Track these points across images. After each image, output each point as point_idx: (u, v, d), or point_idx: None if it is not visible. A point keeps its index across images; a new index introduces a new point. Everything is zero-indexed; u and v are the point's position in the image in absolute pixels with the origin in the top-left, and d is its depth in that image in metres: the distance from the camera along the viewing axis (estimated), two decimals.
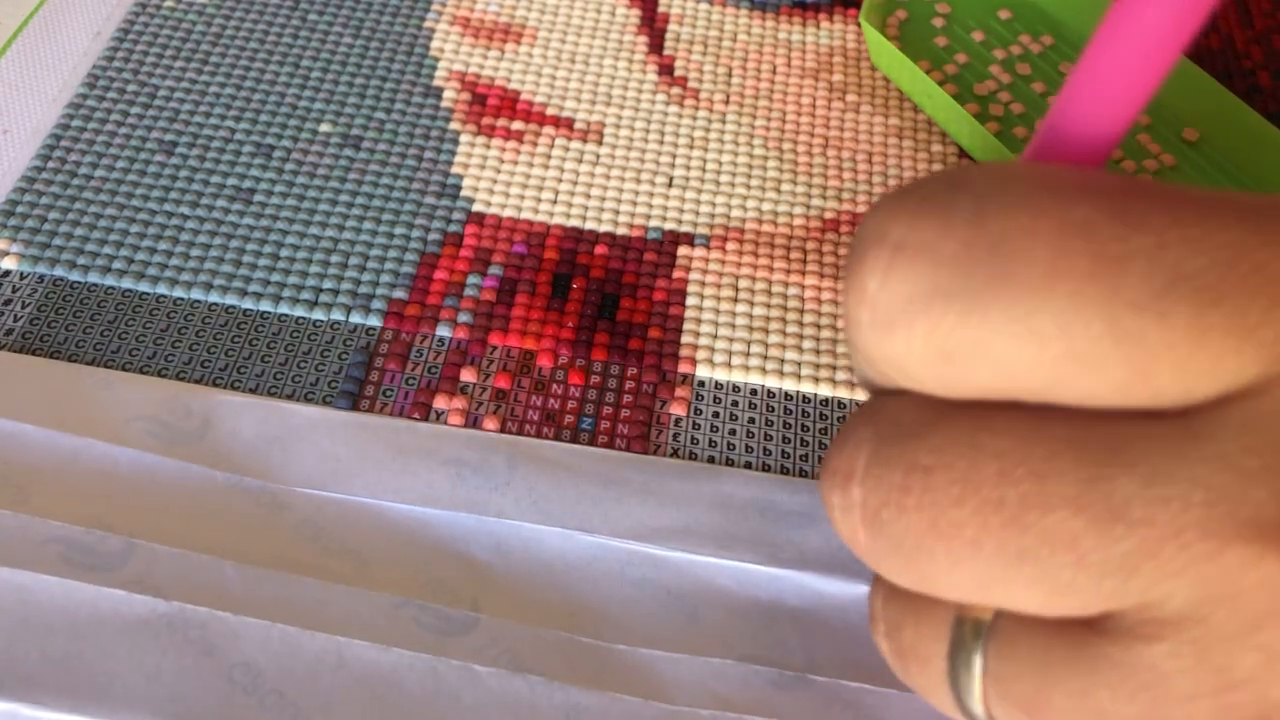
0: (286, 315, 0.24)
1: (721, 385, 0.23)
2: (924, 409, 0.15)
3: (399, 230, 0.25)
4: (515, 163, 0.27)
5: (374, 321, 0.24)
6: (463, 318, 0.24)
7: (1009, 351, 0.14)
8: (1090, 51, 0.15)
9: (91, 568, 0.19)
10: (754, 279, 0.25)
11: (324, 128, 0.27)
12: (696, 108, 0.28)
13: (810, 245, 0.26)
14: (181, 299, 0.24)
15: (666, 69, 0.29)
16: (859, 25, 0.31)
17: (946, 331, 0.14)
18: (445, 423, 0.22)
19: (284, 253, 0.25)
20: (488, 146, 0.27)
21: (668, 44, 0.30)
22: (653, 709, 0.19)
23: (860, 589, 0.20)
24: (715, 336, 0.24)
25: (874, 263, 0.15)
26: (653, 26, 0.30)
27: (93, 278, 0.24)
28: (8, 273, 0.24)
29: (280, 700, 0.18)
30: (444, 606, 0.20)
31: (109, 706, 0.18)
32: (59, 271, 0.24)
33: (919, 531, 0.15)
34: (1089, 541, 0.14)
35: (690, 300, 0.25)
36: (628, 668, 0.19)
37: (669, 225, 0.26)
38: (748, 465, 0.22)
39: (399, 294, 0.24)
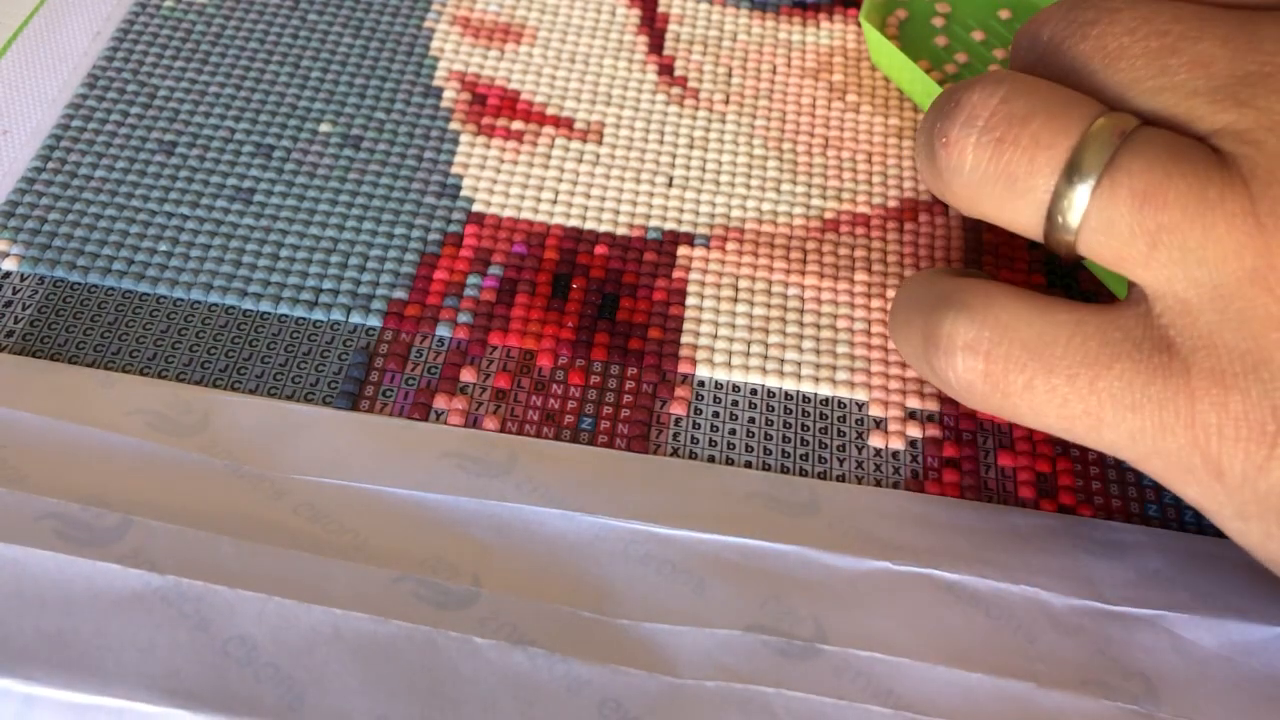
0: (286, 315, 0.24)
1: (721, 385, 0.23)
2: None
3: (399, 230, 0.25)
4: (515, 163, 0.27)
5: (374, 321, 0.24)
6: (463, 318, 0.24)
7: None
8: None
9: (86, 542, 0.19)
10: (754, 279, 0.25)
11: (324, 128, 0.27)
12: (696, 108, 0.28)
13: (810, 245, 0.26)
14: (181, 300, 0.24)
15: (666, 69, 0.29)
16: (859, 25, 0.31)
17: None
18: (445, 423, 0.22)
19: (284, 253, 0.25)
20: (488, 146, 0.27)
21: (668, 44, 0.30)
22: (656, 681, 0.19)
23: (870, 565, 0.20)
24: (715, 336, 0.24)
25: None
26: (653, 26, 0.30)
27: (93, 279, 0.24)
28: (8, 274, 0.24)
29: (275, 673, 0.18)
30: (444, 581, 0.20)
31: (103, 681, 0.18)
32: (59, 273, 0.24)
33: (1088, 53, 0.18)
34: (1222, 62, 0.17)
35: (690, 300, 0.25)
36: (631, 641, 0.19)
37: (669, 225, 0.26)
38: (748, 465, 0.22)
39: (399, 294, 0.24)
